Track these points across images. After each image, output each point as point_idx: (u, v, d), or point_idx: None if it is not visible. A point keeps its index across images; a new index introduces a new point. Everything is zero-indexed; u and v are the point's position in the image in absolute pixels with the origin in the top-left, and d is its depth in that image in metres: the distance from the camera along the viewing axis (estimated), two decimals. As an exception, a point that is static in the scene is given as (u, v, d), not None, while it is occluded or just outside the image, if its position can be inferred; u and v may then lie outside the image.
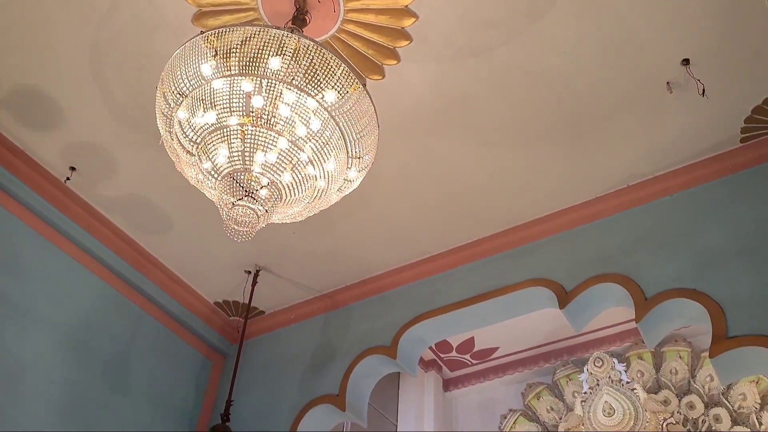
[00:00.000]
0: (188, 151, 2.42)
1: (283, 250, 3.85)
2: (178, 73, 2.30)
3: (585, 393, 4.49)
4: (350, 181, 2.62)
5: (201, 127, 2.32)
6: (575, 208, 3.54)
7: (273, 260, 3.93)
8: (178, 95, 2.35)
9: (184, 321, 4.07)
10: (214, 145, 2.34)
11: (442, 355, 5.40)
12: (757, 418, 4.12)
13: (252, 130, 2.28)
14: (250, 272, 4.00)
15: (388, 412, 5.29)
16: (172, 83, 2.34)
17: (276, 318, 4.26)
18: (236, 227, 2.34)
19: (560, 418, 4.71)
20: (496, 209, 3.57)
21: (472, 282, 3.65)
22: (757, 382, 4.20)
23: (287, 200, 2.44)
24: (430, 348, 5.20)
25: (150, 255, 3.89)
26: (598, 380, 4.47)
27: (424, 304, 3.72)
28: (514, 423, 4.91)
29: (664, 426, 4.09)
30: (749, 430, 4.12)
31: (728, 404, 4.26)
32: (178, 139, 2.41)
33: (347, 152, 2.50)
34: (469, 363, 5.44)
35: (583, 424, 4.32)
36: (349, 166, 2.55)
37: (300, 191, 2.44)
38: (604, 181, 3.40)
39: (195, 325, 4.13)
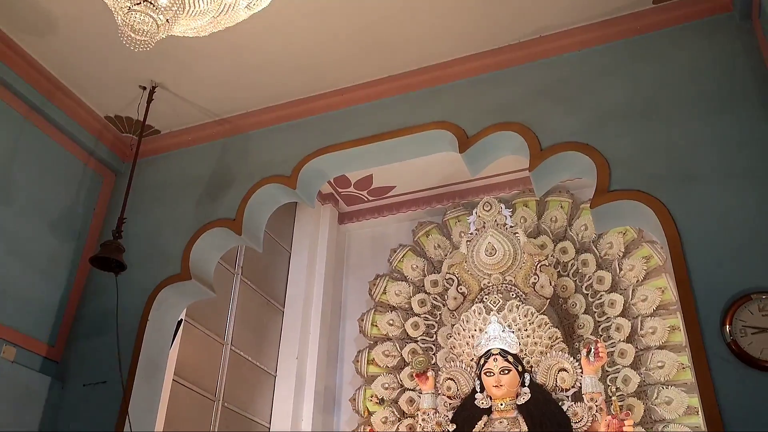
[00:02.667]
0: (77, -58, 2.15)
1: (183, 68, 3.63)
2: None
3: (471, 234, 4.77)
4: (260, -3, 2.44)
5: None
6: (485, 54, 3.52)
7: (171, 78, 3.71)
8: None
9: (72, 133, 3.84)
10: (107, -63, 2.09)
11: (339, 190, 5.50)
12: (618, 265, 4.58)
13: (153, -75, 2.04)
14: (145, 88, 3.76)
15: (283, 240, 5.43)
16: None
17: (172, 138, 4.10)
18: (133, 35, 2.16)
19: (446, 255, 5.02)
20: (408, 47, 3.49)
21: (377, 119, 3.64)
22: (624, 233, 4.62)
23: (190, 11, 2.26)
24: (329, 182, 5.27)
25: (32, 59, 3.55)
26: (484, 223, 4.74)
27: (327, 137, 3.70)
28: (402, 257, 5.19)
29: (537, 267, 4.46)
30: (610, 273, 4.58)
31: (596, 251, 4.69)
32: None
33: (259, -35, 2.32)
34: (366, 199, 5.59)
35: (465, 262, 4.62)
36: (261, -19, 2.37)
37: (204, 3, 2.26)
38: (516, 29, 3.38)
39: (84, 139, 3.91)
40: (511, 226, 4.69)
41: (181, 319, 3.96)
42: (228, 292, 4.78)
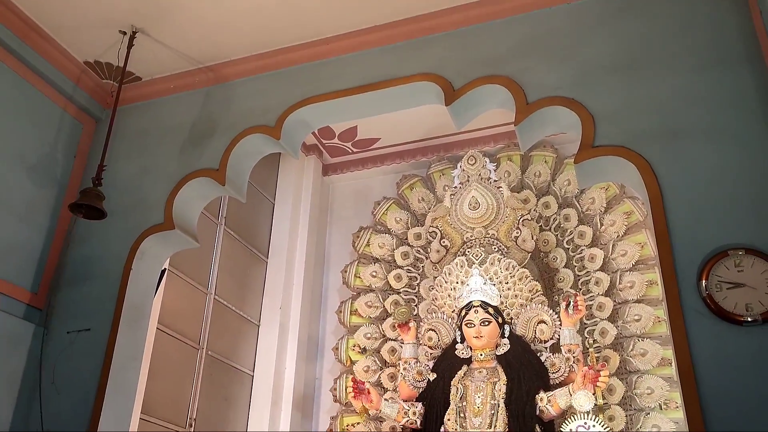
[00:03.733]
0: None
1: (164, 13, 3.54)
2: None
3: (455, 187, 4.78)
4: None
5: None
6: (473, 5, 3.47)
7: (152, 23, 3.61)
8: None
9: (49, 78, 3.74)
10: None
11: (324, 141, 5.46)
12: (599, 220, 4.62)
13: None
14: (125, 33, 3.67)
15: (267, 191, 5.41)
16: None
17: (154, 86, 4.03)
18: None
19: (429, 209, 5.03)
20: (396, -4, 3.44)
21: (363, 70, 3.59)
22: (606, 189, 4.64)
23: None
24: (313, 133, 5.23)
25: None
26: (468, 177, 4.75)
27: (313, 87, 3.65)
28: (386, 209, 5.19)
29: (520, 221, 4.49)
30: (591, 228, 4.63)
31: (578, 206, 4.73)
32: None
33: None
34: (350, 151, 5.56)
35: (449, 215, 4.65)
36: None
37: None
38: (506, -21, 3.34)
39: (62, 84, 3.82)
40: (495, 180, 4.70)
41: (165, 268, 3.97)
42: (211, 241, 4.78)
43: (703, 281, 2.49)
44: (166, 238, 3.62)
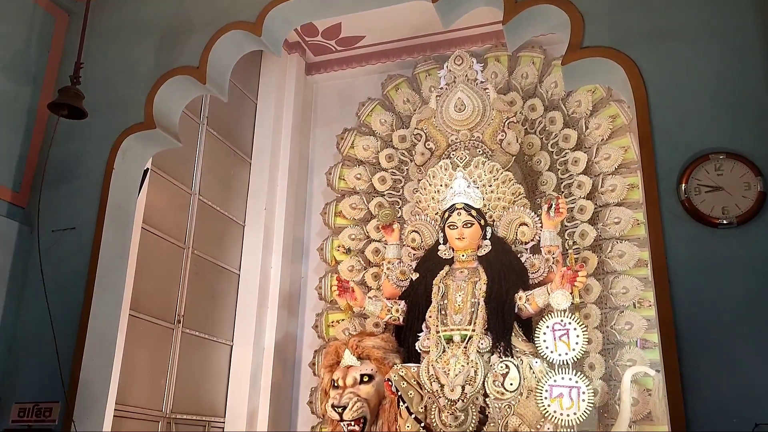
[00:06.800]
0: None
1: None
2: None
3: (441, 89, 4.70)
4: None
5: None
6: None
7: None
8: None
9: (17, -32, 3.57)
10: None
11: (307, 39, 5.31)
12: (585, 123, 4.61)
13: None
14: None
15: (249, 91, 5.30)
16: None
17: (128, -23, 3.84)
18: None
19: (414, 110, 4.97)
20: None
21: (347, -37, 3.45)
22: (593, 92, 4.60)
23: None
24: (295, 30, 5.07)
25: None
26: (455, 77, 4.66)
27: (294, -19, 3.50)
28: (371, 111, 5.13)
29: (505, 124, 4.47)
30: (576, 132, 4.62)
31: (564, 109, 4.69)
32: None
33: None
34: (334, 49, 5.42)
35: (434, 117, 4.60)
36: None
37: None
38: None
39: (31, -25, 3.64)
40: (481, 82, 4.63)
41: (148, 168, 3.94)
42: (194, 142, 4.73)
43: (683, 185, 2.52)
44: (147, 137, 3.56)
